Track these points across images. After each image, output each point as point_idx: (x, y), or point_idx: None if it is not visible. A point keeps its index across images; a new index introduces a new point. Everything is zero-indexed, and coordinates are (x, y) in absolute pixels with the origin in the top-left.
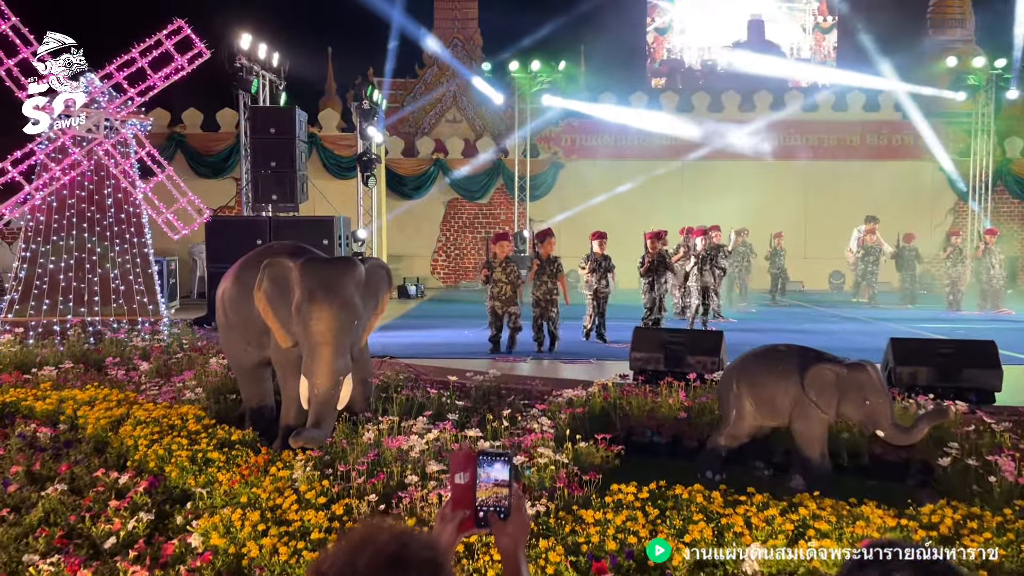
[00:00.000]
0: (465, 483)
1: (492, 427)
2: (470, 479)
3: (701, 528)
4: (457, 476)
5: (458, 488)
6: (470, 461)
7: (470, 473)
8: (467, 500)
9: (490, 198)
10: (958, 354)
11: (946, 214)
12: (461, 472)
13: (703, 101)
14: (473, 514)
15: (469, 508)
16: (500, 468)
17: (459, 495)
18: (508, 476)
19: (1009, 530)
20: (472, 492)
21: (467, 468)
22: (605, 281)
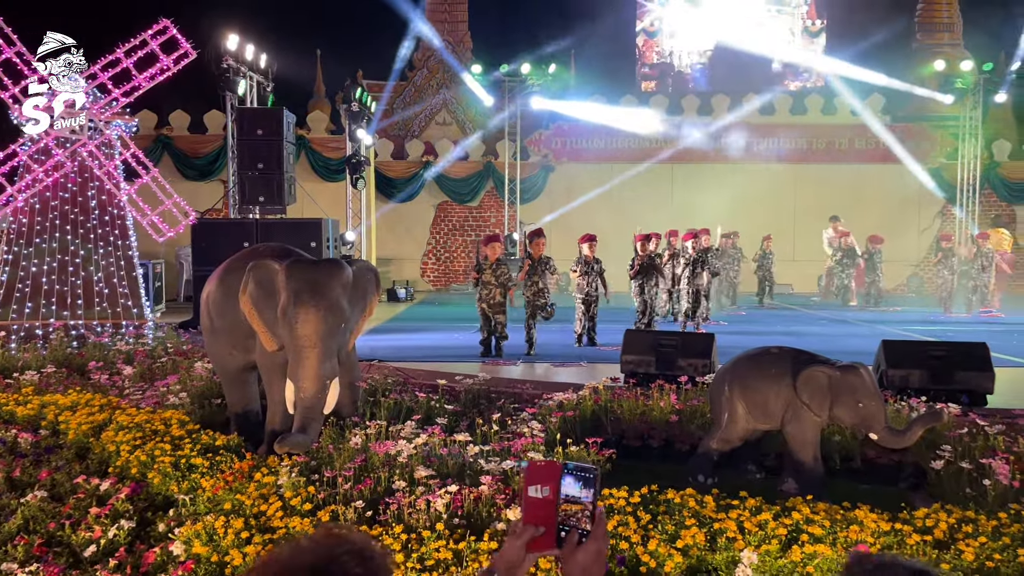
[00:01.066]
0: (544, 497)
1: (482, 431)
2: (551, 493)
3: (694, 533)
4: (532, 489)
5: (533, 502)
6: (553, 473)
7: (552, 487)
8: (543, 516)
9: (480, 201)
10: (950, 356)
11: (933, 218)
12: (539, 485)
13: (692, 104)
14: (553, 532)
15: (546, 525)
16: (584, 484)
17: (534, 509)
18: (592, 496)
19: (1005, 534)
20: (553, 507)
21: (548, 481)
22: (596, 284)
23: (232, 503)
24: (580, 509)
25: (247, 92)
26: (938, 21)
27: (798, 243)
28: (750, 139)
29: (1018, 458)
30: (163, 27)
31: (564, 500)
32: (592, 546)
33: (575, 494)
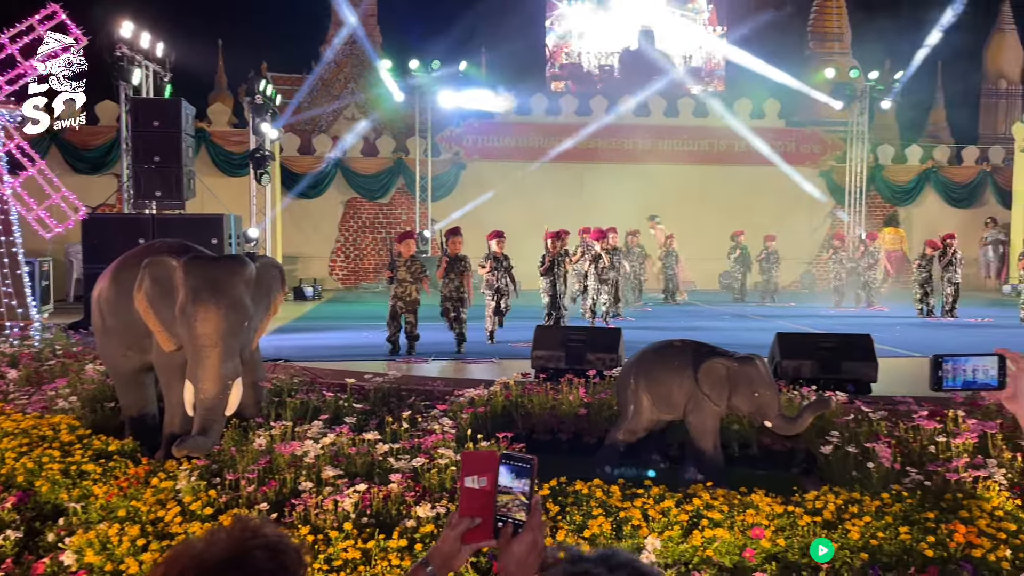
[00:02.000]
0: (481, 488)
1: (391, 429)
2: (489, 484)
3: (600, 523)
4: (469, 480)
5: (469, 493)
6: (490, 464)
7: (489, 478)
8: (479, 507)
9: (391, 197)
10: (838, 348)
11: (824, 217)
12: (476, 476)
13: (601, 105)
14: (490, 523)
15: (483, 516)
16: (520, 475)
17: (470, 500)
18: (529, 486)
19: (887, 513)
20: (490, 498)
21: (486, 472)
22: (505, 280)
23: (127, 510)
24: (516, 500)
25: (143, 82)
26: (829, 31)
27: (701, 242)
28: (655, 140)
29: (899, 442)
30: (52, 12)
31: (500, 491)
32: (528, 536)
33: (511, 484)
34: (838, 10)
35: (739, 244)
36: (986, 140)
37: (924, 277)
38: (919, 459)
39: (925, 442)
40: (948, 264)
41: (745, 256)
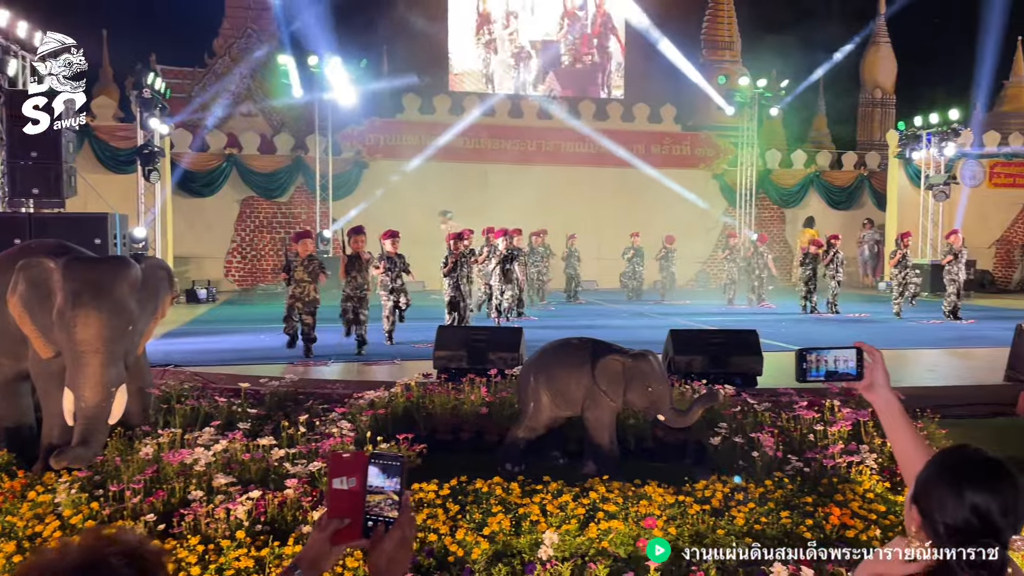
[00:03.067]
0: (349, 489)
1: (288, 434)
2: (357, 484)
3: (500, 519)
4: (337, 481)
5: (338, 494)
6: (358, 464)
7: (358, 478)
8: (349, 507)
9: (289, 196)
10: (727, 343)
11: (718, 219)
12: (344, 477)
13: (504, 107)
14: (360, 523)
15: (352, 516)
16: (390, 473)
17: (339, 501)
18: (398, 484)
19: (770, 499)
20: (359, 498)
21: (354, 472)
22: (401, 280)
23: (2, 525)
24: (386, 499)
25: (19, 73)
26: (720, 39)
27: (602, 242)
28: (558, 142)
29: (781, 431)
30: None
31: (370, 490)
32: (397, 534)
33: (381, 484)
34: (728, 20)
35: (633, 245)
36: (864, 146)
37: (808, 275)
38: (799, 447)
39: (805, 431)
40: (831, 263)
41: (639, 257)
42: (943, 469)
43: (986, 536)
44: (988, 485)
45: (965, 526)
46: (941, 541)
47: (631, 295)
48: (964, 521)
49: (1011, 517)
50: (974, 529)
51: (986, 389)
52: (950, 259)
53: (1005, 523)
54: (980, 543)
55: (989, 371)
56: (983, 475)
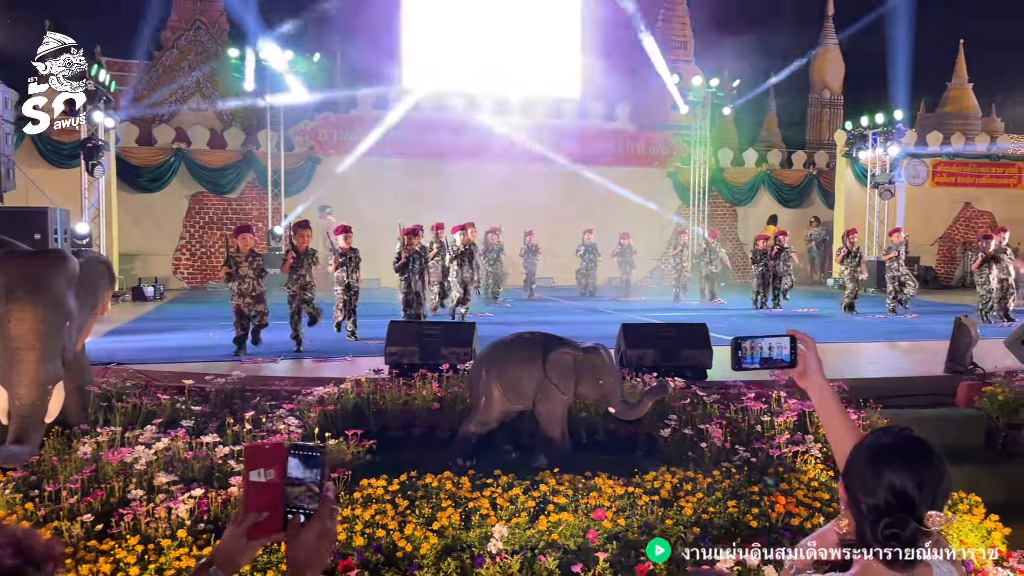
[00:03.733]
0: (268, 481)
1: (233, 431)
2: (276, 476)
3: (449, 514)
4: (255, 473)
5: (256, 487)
6: (277, 456)
7: (276, 470)
8: (267, 500)
9: (240, 192)
10: (677, 337)
11: (673, 215)
12: (262, 469)
13: (459, 103)
14: (279, 516)
15: (271, 509)
16: (310, 464)
17: (257, 494)
18: (318, 475)
19: (718, 489)
20: (278, 491)
21: (272, 464)
22: (355, 276)
23: None
24: (306, 490)
25: None
26: (674, 39)
27: (559, 239)
28: (514, 138)
29: (729, 422)
30: None
31: (289, 482)
32: (316, 525)
33: (301, 475)
34: (682, 20)
35: (586, 242)
36: (813, 146)
37: (759, 272)
38: (747, 438)
39: (752, 422)
40: (780, 260)
41: (591, 253)
42: (866, 450)
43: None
44: (905, 464)
45: (883, 503)
46: (862, 516)
47: (586, 292)
48: (882, 499)
49: (927, 494)
50: (890, 506)
51: (927, 380)
52: (893, 255)
53: (921, 499)
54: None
55: (931, 363)
56: (901, 455)
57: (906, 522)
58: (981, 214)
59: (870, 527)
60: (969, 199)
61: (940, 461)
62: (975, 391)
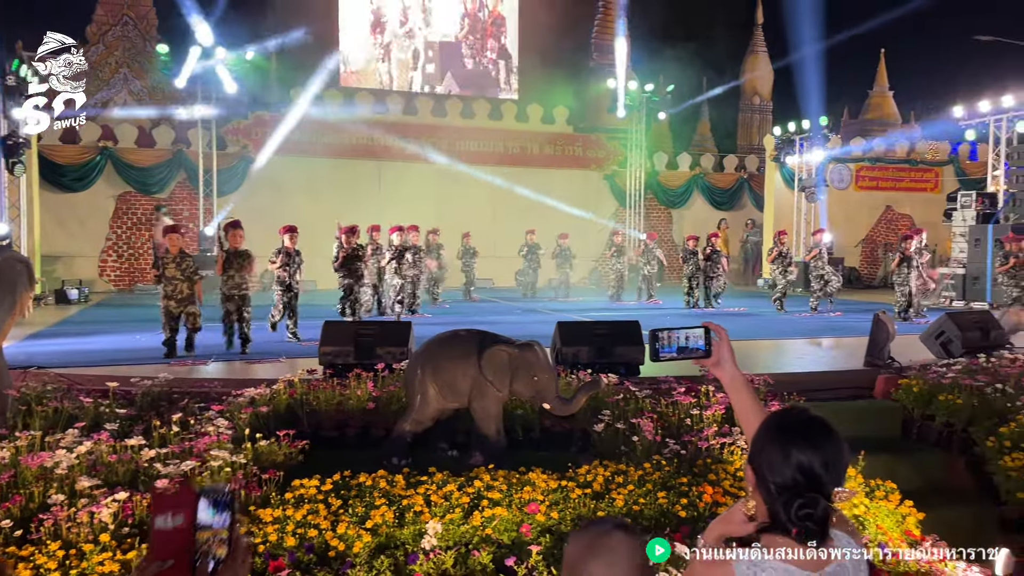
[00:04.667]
0: (175, 527)
1: (160, 433)
2: (185, 522)
3: (383, 512)
4: (160, 519)
5: (162, 534)
6: (186, 500)
7: (185, 515)
8: (175, 547)
9: (170, 192)
10: (611, 334)
11: (609, 217)
12: (169, 514)
13: (397, 103)
14: (187, 563)
15: (178, 558)
16: (219, 508)
17: (164, 542)
18: (228, 519)
19: (648, 481)
20: (186, 536)
21: (180, 509)
22: (298, 277)
23: None
24: (215, 535)
25: None
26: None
27: (497, 240)
28: (452, 140)
29: (660, 416)
30: None
31: (199, 527)
32: (227, 573)
33: (210, 520)
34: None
35: (528, 242)
36: (743, 150)
37: (690, 272)
38: (677, 431)
39: (682, 415)
40: (711, 260)
41: (533, 254)
42: (771, 432)
43: (811, 491)
44: (811, 444)
45: (792, 483)
46: (772, 498)
47: (526, 292)
48: (791, 479)
49: (833, 472)
50: (800, 485)
51: (848, 374)
52: (815, 253)
53: (828, 477)
54: (806, 497)
55: (852, 358)
56: (806, 435)
57: (817, 501)
58: (901, 216)
59: (783, 508)
60: (890, 202)
61: (840, 439)
62: (892, 384)
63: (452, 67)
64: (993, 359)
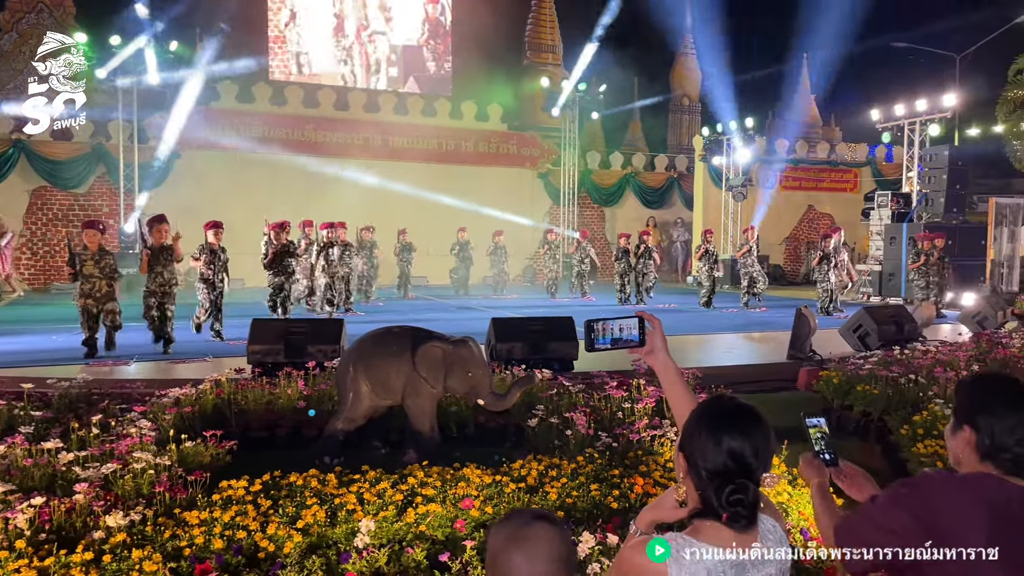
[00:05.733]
0: None
1: (78, 436)
2: None
3: (315, 511)
4: None
5: None
6: None
7: None
8: None
9: (89, 187)
10: (545, 331)
11: (543, 216)
12: None
13: (328, 98)
14: None
15: None
16: None
17: None
18: None
19: (581, 474)
20: None
21: None
22: (222, 275)
23: None
24: None
25: None
26: (543, 43)
27: (432, 238)
28: (385, 136)
29: (593, 410)
30: None
31: None
32: None
33: None
34: (551, 24)
35: (460, 240)
36: (673, 150)
37: (622, 269)
38: (609, 424)
39: (614, 409)
40: (641, 258)
41: (465, 252)
42: (703, 419)
43: (741, 476)
44: (741, 431)
45: (723, 469)
46: (704, 484)
47: (460, 290)
48: (722, 465)
49: (761, 458)
50: (730, 471)
51: (772, 367)
52: (745, 250)
53: (757, 463)
54: (736, 483)
55: (776, 352)
56: (737, 422)
57: (747, 487)
58: (822, 216)
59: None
60: (812, 202)
61: (768, 427)
62: (813, 376)
63: (415, 71)
64: (907, 351)
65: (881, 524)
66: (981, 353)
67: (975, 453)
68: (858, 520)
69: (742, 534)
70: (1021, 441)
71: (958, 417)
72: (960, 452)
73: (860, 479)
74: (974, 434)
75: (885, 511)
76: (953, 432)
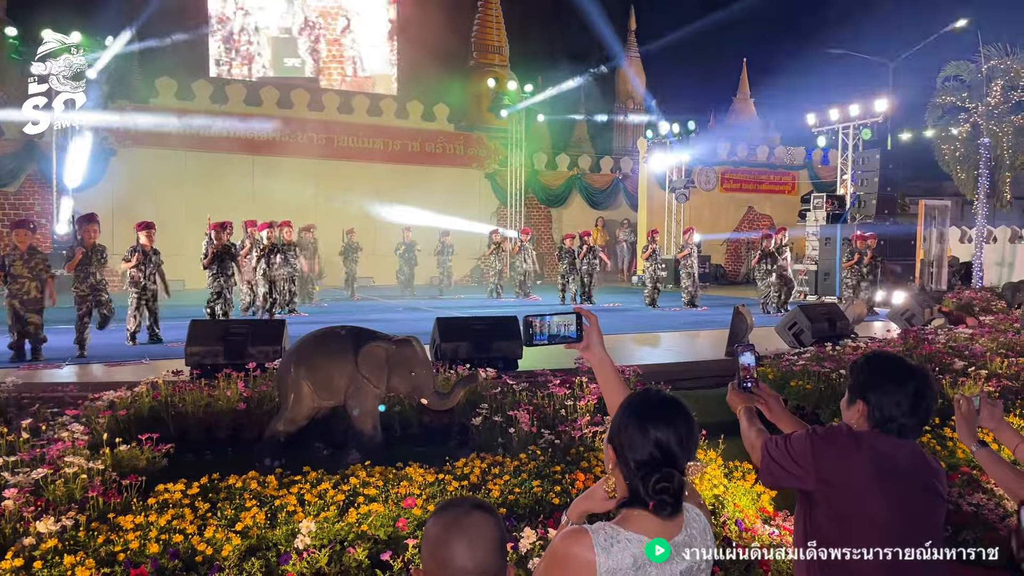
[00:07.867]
0: None
1: (7, 441)
2: None
3: (254, 514)
4: None
5: None
6: None
7: None
8: None
9: (19, 186)
10: (489, 329)
11: (491, 216)
12: None
13: (272, 96)
14: None
15: None
16: None
17: None
18: None
19: (524, 471)
20: None
21: None
22: (154, 276)
23: None
24: None
25: None
26: (490, 43)
27: (379, 237)
28: (330, 135)
29: (536, 408)
30: None
31: None
32: None
33: None
34: (497, 25)
35: (405, 240)
36: (619, 152)
37: (565, 268)
38: (552, 421)
39: (557, 407)
40: (585, 257)
41: (410, 252)
42: (630, 411)
43: (667, 466)
44: (667, 421)
45: (650, 459)
46: (632, 474)
47: (405, 290)
48: (649, 455)
49: (686, 447)
50: (657, 460)
51: (711, 363)
52: (687, 252)
53: (682, 453)
54: (662, 472)
55: (715, 349)
56: (663, 413)
57: (673, 476)
58: (762, 217)
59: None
60: (751, 203)
61: (692, 417)
62: None
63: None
64: (839, 347)
65: (794, 456)
66: (908, 348)
67: (867, 423)
68: (781, 446)
69: (668, 521)
70: (905, 412)
71: (852, 393)
72: (854, 423)
73: (772, 401)
74: (866, 407)
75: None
76: (848, 406)
